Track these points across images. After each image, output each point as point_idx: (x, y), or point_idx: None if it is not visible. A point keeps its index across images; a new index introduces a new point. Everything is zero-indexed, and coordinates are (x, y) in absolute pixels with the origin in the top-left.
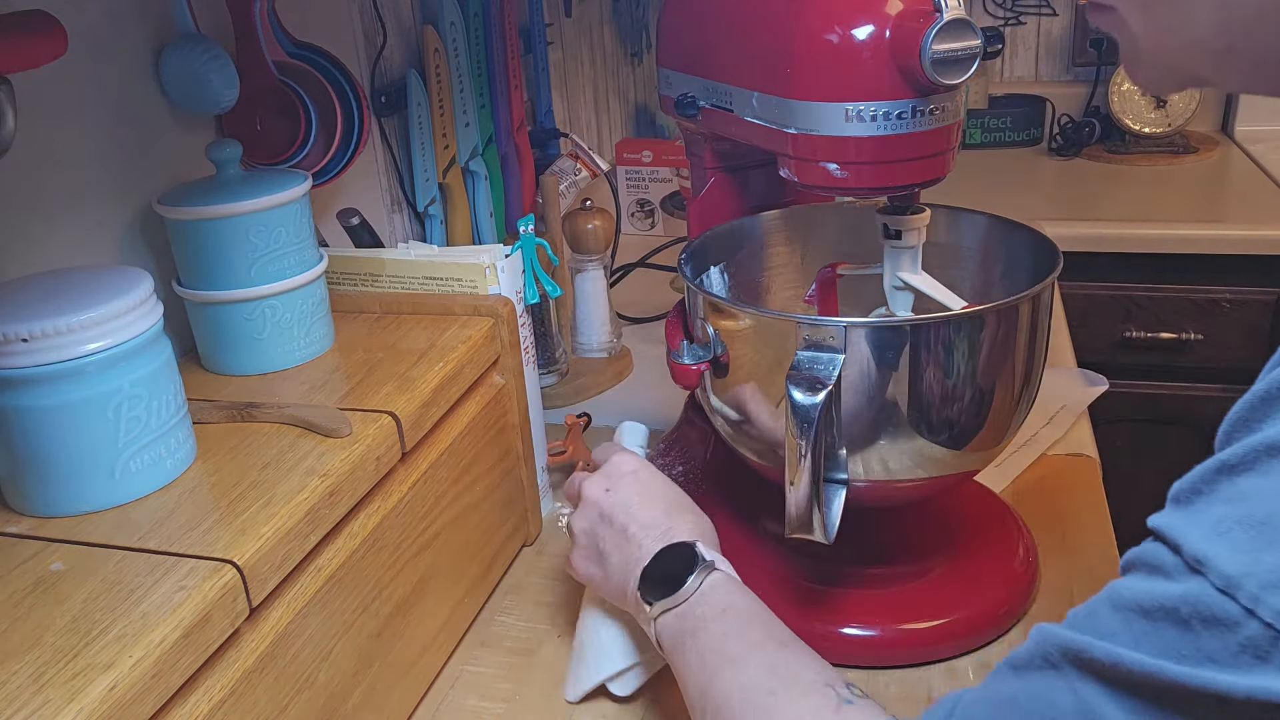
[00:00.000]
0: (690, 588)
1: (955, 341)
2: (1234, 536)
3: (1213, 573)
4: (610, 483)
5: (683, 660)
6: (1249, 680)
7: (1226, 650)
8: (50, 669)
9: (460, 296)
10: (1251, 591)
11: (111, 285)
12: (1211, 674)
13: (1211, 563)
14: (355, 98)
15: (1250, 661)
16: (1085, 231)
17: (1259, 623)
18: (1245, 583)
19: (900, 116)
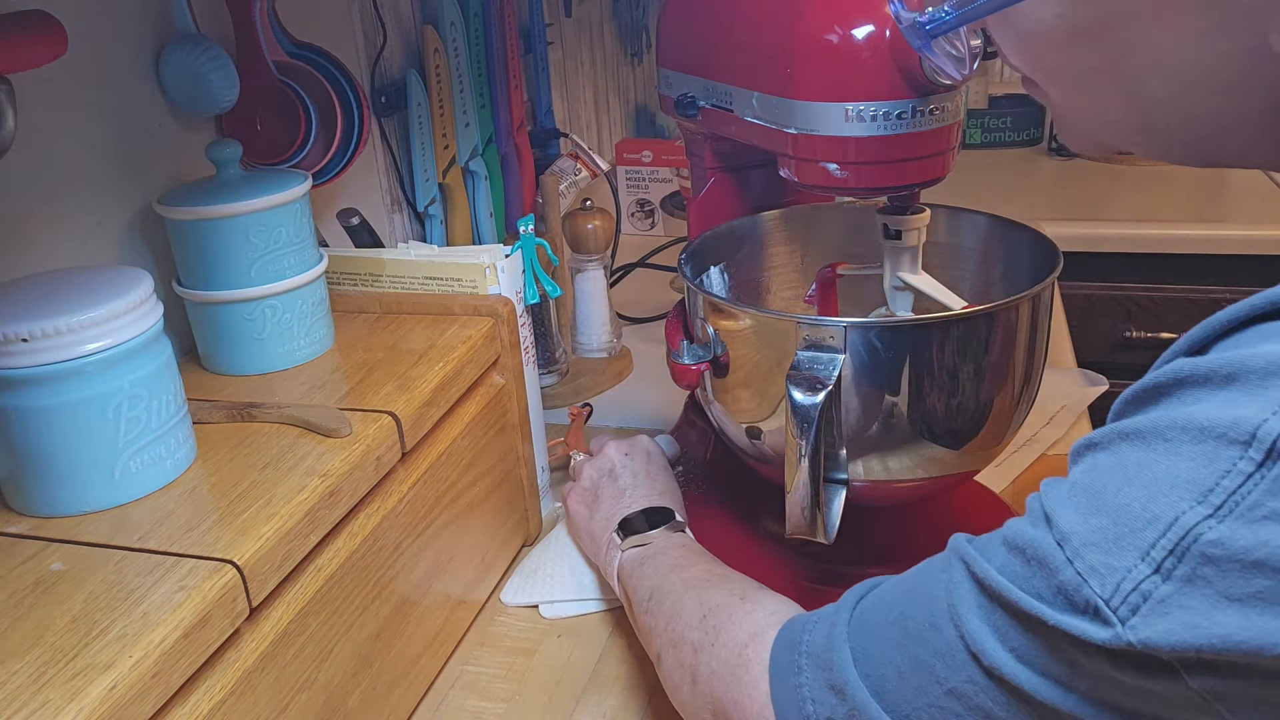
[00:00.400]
0: (658, 533)
1: (955, 341)
2: (1077, 500)
3: (1054, 527)
4: (630, 450)
5: (639, 573)
6: (1061, 617)
7: (1049, 589)
8: (50, 669)
9: (460, 296)
10: (1074, 546)
11: (111, 285)
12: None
13: (1055, 519)
14: (355, 98)
15: (1063, 603)
16: (1085, 231)
17: (1073, 570)
18: (1071, 538)
19: (900, 116)
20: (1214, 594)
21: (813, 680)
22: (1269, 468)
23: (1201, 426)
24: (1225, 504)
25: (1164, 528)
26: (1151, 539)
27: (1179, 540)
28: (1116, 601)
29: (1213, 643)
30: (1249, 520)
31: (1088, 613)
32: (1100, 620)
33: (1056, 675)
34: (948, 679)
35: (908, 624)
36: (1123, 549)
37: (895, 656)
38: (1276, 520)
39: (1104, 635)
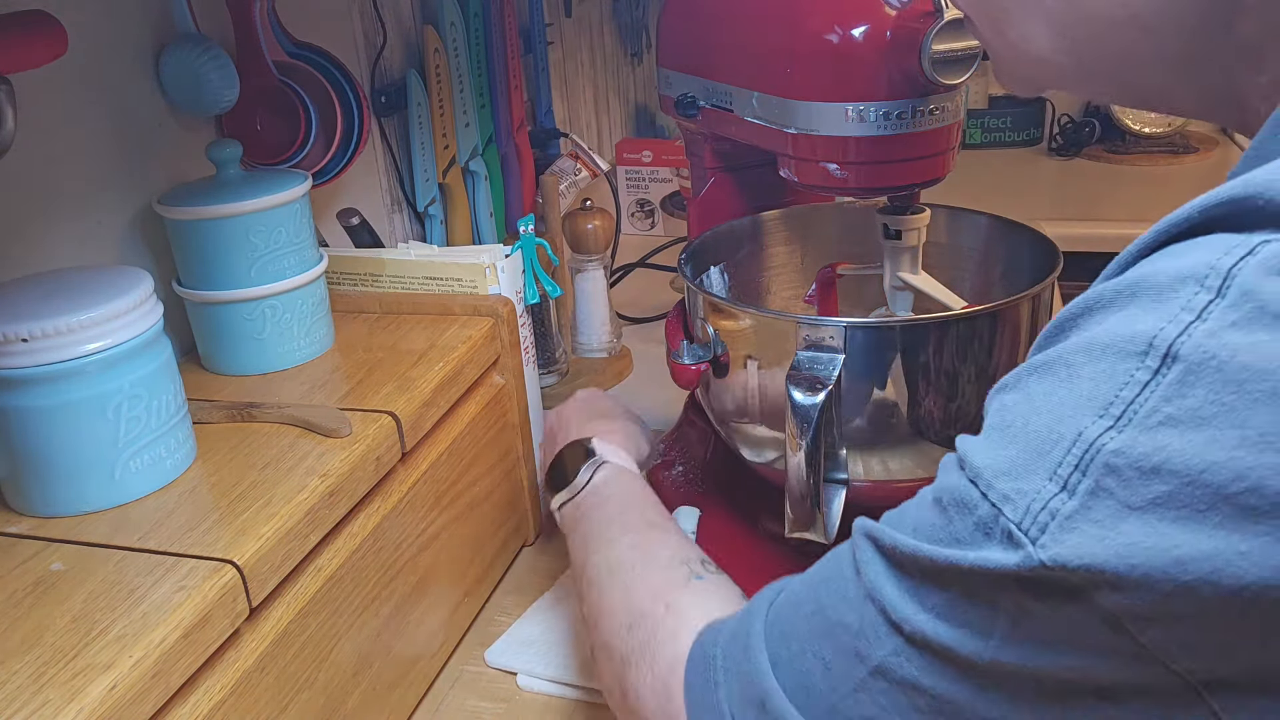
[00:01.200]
0: (580, 480)
1: (955, 341)
2: (989, 439)
3: (968, 468)
4: (561, 406)
5: (571, 544)
6: (976, 553)
7: (966, 529)
8: (50, 669)
9: (460, 296)
10: (987, 479)
11: (111, 285)
12: (953, 550)
13: (969, 460)
14: (355, 98)
15: (980, 538)
16: (1085, 231)
17: (988, 504)
18: (984, 472)
19: (900, 116)
20: (1117, 504)
21: (731, 695)
22: (1164, 374)
23: (1103, 345)
24: (1124, 414)
25: (1069, 445)
26: (1058, 458)
27: (1082, 455)
28: (1027, 523)
29: (1119, 553)
30: (1146, 427)
31: (1003, 541)
32: (1013, 545)
33: (975, 623)
34: (871, 656)
35: (826, 614)
36: (1032, 472)
37: (816, 648)
38: (1172, 425)
39: (1016, 559)
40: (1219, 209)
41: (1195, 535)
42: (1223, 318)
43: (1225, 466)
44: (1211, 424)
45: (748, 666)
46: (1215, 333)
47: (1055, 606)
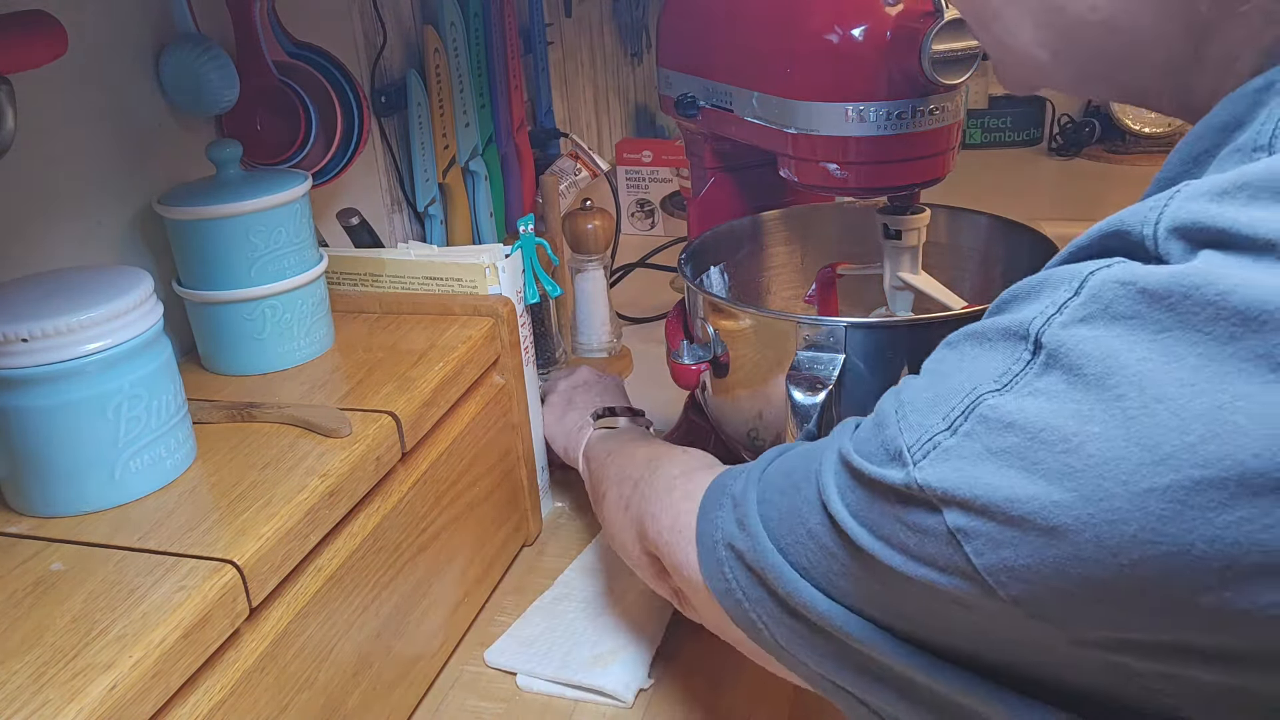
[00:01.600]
0: (624, 423)
1: None
2: (922, 378)
3: (899, 396)
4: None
5: (600, 446)
6: (878, 468)
7: (879, 445)
8: (50, 669)
9: (460, 296)
10: (905, 410)
11: (111, 285)
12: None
13: (902, 391)
14: (355, 98)
15: (883, 455)
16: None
17: (898, 428)
18: (905, 404)
19: (900, 116)
20: (980, 447)
21: (726, 515)
22: (1037, 356)
23: (1006, 328)
24: (1008, 384)
25: (963, 396)
26: (953, 404)
27: (969, 405)
28: (915, 449)
29: (971, 485)
30: (1018, 395)
31: (896, 460)
32: (900, 464)
33: (870, 522)
34: (808, 520)
35: (794, 478)
36: (933, 412)
37: (782, 500)
38: (1035, 396)
39: (899, 476)
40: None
41: (1026, 481)
42: (1074, 313)
43: (1056, 429)
44: (1056, 398)
45: (742, 495)
46: (1067, 325)
47: (918, 518)
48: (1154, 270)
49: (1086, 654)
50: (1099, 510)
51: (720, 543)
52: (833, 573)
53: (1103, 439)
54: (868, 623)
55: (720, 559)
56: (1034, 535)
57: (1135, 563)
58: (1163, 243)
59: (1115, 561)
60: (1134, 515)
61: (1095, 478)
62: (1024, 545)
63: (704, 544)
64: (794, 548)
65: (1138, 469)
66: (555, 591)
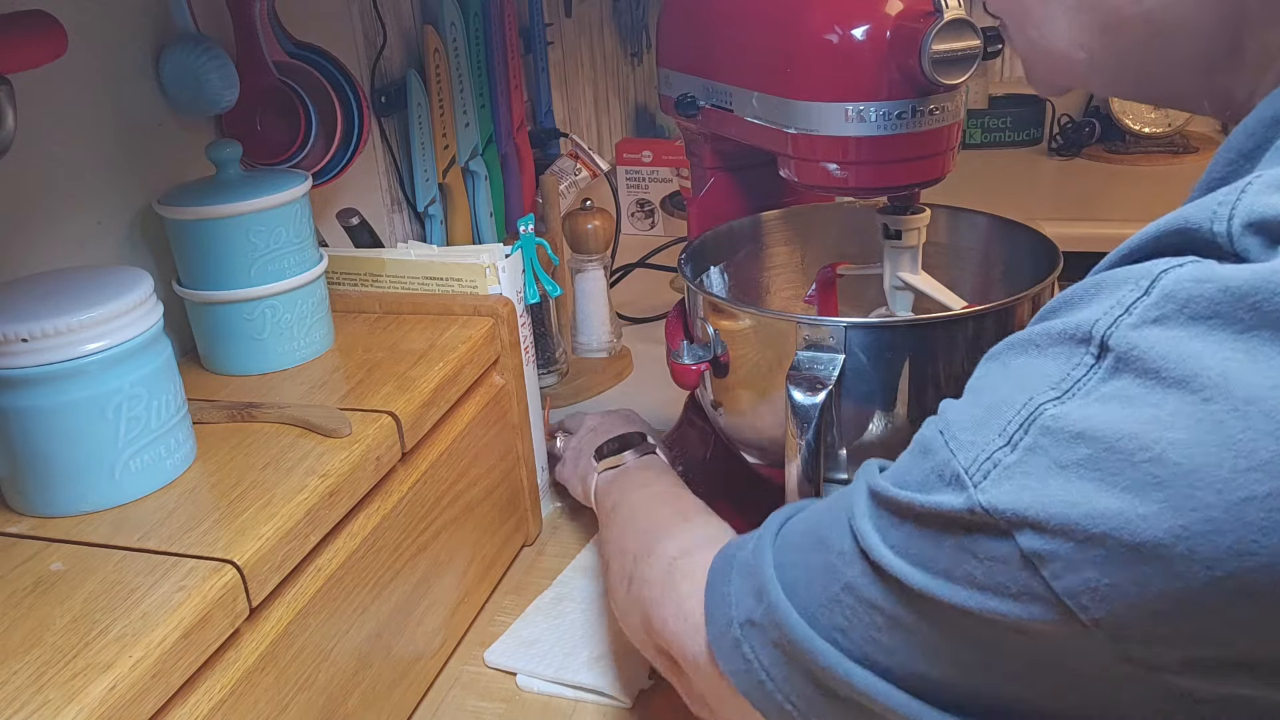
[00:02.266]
0: (629, 456)
1: (955, 342)
2: (965, 398)
3: (941, 419)
4: (608, 414)
5: (606, 492)
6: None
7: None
8: (50, 669)
9: (460, 296)
10: (952, 431)
11: (111, 285)
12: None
13: (944, 413)
14: (355, 98)
15: (936, 481)
16: (1085, 231)
17: (948, 450)
18: (952, 425)
19: (900, 116)
20: (1048, 461)
21: (739, 587)
22: (1103, 360)
23: (1061, 332)
24: (1069, 391)
25: (1019, 409)
26: (1009, 417)
27: (1027, 417)
28: (973, 470)
29: (1043, 502)
30: (1083, 401)
31: (952, 484)
32: (959, 487)
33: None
34: (844, 574)
35: (819, 532)
36: (987, 428)
37: (806, 560)
38: (1105, 402)
39: (959, 501)
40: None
41: (1105, 495)
42: (1144, 314)
43: (1135, 437)
44: (1131, 403)
45: (756, 563)
46: (1137, 326)
47: (985, 545)
48: (1235, 269)
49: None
50: (1192, 522)
51: (735, 620)
52: (875, 631)
53: (1190, 445)
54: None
55: (736, 638)
56: (1119, 552)
57: (1230, 575)
58: (1239, 239)
59: (1209, 575)
60: (1231, 526)
61: (1185, 487)
62: (1108, 564)
63: (715, 624)
64: (824, 611)
65: (1233, 477)
66: (555, 591)
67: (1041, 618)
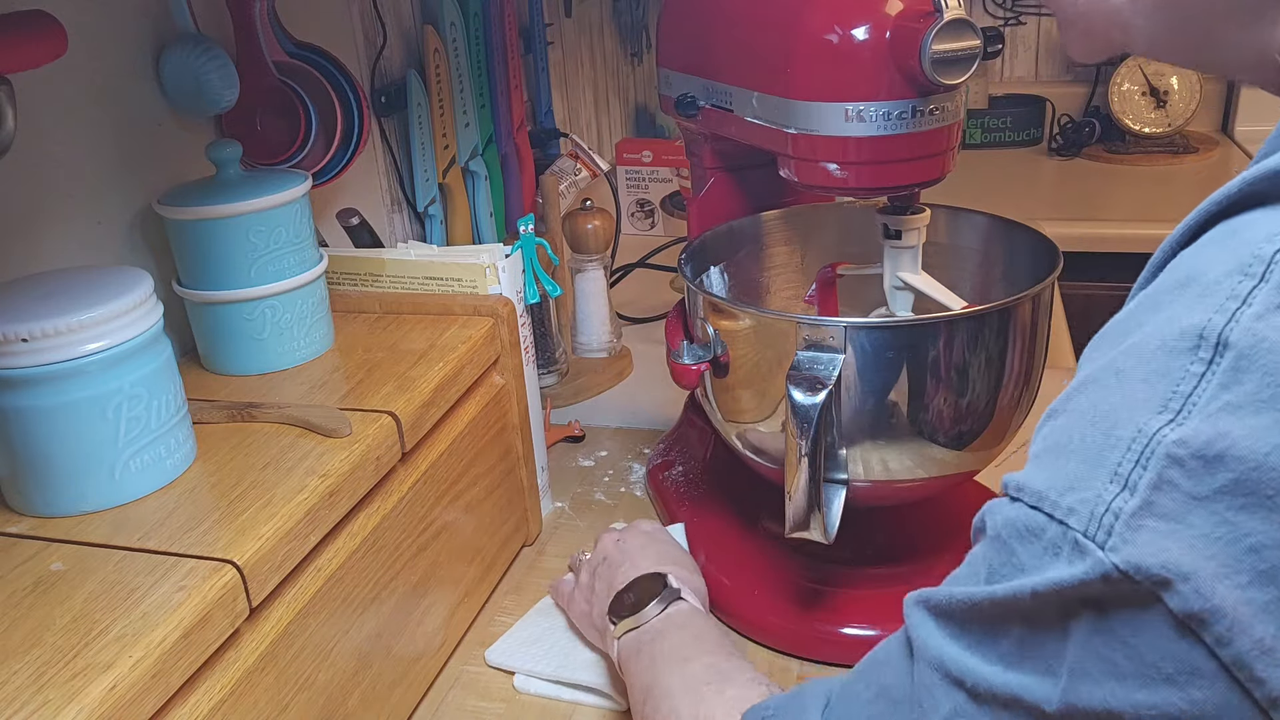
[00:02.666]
0: (652, 611)
1: (955, 342)
2: (1040, 462)
3: (1027, 493)
4: (623, 535)
5: (636, 664)
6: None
7: (1033, 556)
8: (50, 669)
9: (460, 296)
10: (1052, 499)
11: (111, 285)
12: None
13: (1024, 487)
14: (355, 98)
15: (1048, 560)
16: (1085, 231)
17: (1055, 522)
18: (1048, 493)
19: (900, 116)
20: (1182, 496)
21: None
22: (1218, 363)
23: (1153, 346)
24: (1184, 407)
25: (1127, 444)
26: (1117, 459)
27: (1142, 450)
28: (1093, 529)
29: (1190, 545)
30: (1206, 416)
31: (1070, 555)
32: (1080, 554)
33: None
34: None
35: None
36: (1092, 479)
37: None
38: (1231, 411)
39: (1083, 568)
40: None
41: (1267, 522)
42: (1268, 300)
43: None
44: (1271, 406)
45: None
46: (1262, 315)
47: (1127, 619)
48: None
49: None
50: None
51: None
52: None
53: None
54: None
55: None
56: None
57: None
58: None
59: None
60: None
61: None
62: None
63: None
64: None
65: None
66: (543, 604)
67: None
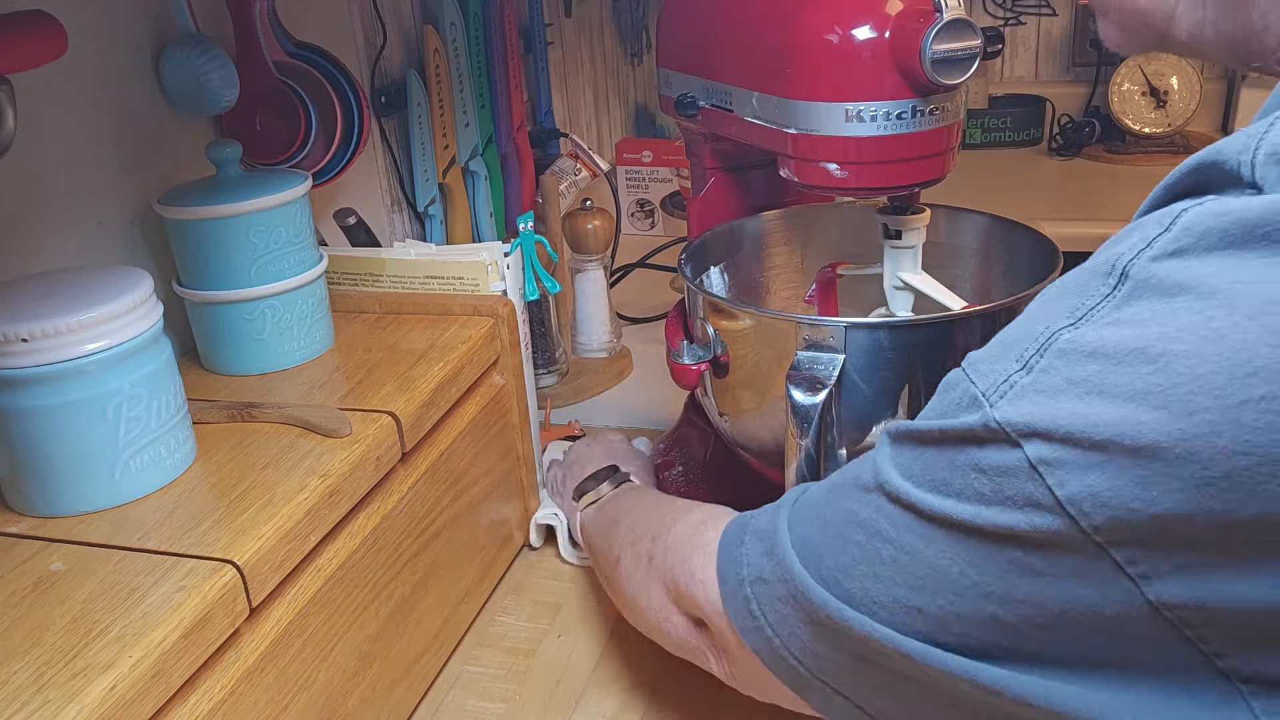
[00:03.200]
0: (605, 490)
1: (955, 341)
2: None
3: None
4: (588, 442)
5: (596, 519)
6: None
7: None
8: (50, 669)
9: (460, 296)
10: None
11: (111, 285)
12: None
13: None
14: (355, 98)
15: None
16: (1085, 231)
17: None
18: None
19: (900, 117)
20: (1059, 380)
21: (751, 549)
22: (1119, 289)
23: (1091, 269)
24: (1083, 317)
25: (1036, 336)
26: (1026, 346)
27: (1043, 343)
28: (990, 392)
29: (1053, 416)
30: (1096, 325)
31: (971, 407)
32: (976, 408)
33: (939, 482)
34: (857, 513)
35: (837, 486)
36: (1005, 358)
37: (821, 514)
38: (1117, 325)
39: (974, 419)
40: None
41: (1109, 405)
42: (1164, 246)
43: (1141, 353)
44: (1140, 324)
45: (770, 526)
46: (1156, 257)
47: (995, 457)
48: (1249, 200)
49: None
50: (1189, 425)
51: (746, 579)
52: (879, 566)
53: (1193, 356)
54: (909, 637)
55: (746, 596)
56: (1120, 457)
57: (1224, 475)
58: (1260, 168)
59: (1205, 475)
60: (1226, 428)
61: (1185, 394)
62: (1109, 468)
63: (727, 584)
64: (831, 553)
65: (1230, 383)
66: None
67: (1044, 527)
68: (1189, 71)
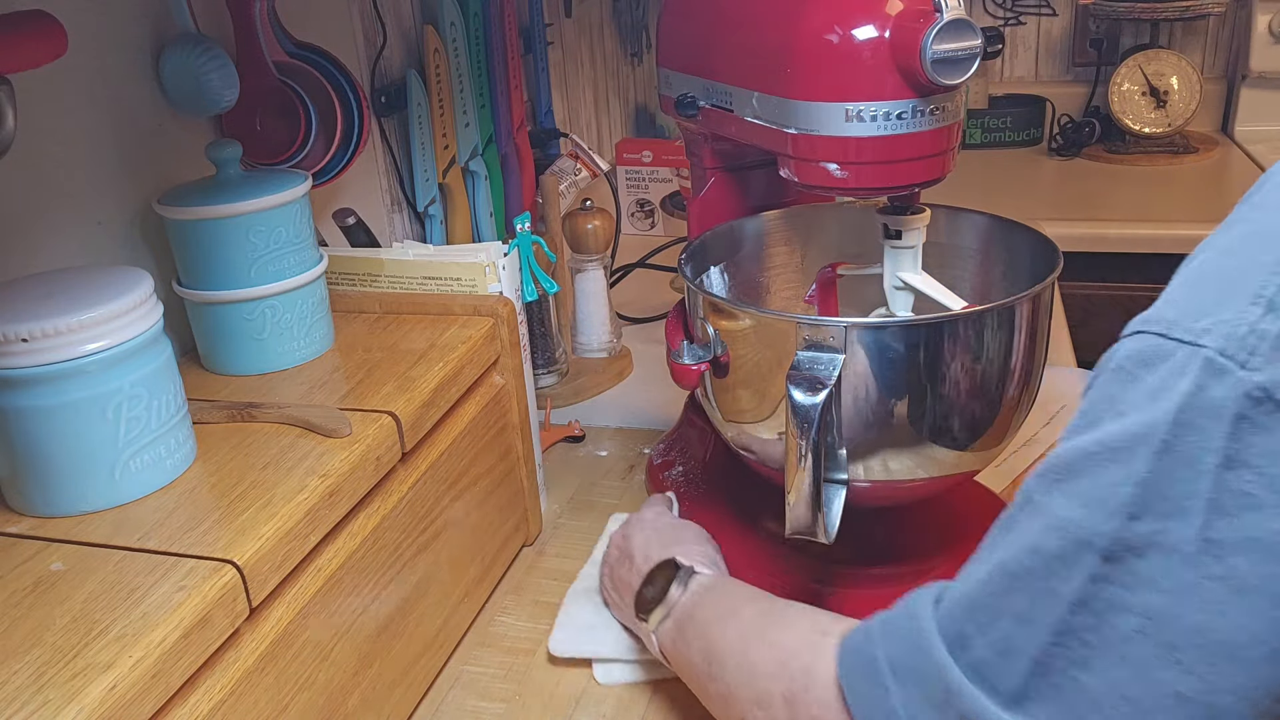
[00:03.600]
0: (675, 594)
1: (955, 342)
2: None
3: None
4: (625, 532)
5: (682, 643)
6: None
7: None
8: (50, 669)
9: (460, 296)
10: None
11: (111, 285)
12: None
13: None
14: (355, 98)
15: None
16: (1085, 231)
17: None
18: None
19: (900, 117)
20: None
21: (908, 698)
22: None
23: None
24: None
25: (1270, 266)
26: (1260, 280)
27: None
28: (1232, 350)
29: None
30: None
31: (1201, 374)
32: (1216, 373)
33: (1174, 497)
34: (1066, 590)
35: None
36: (1229, 302)
37: (1008, 605)
38: None
39: (1223, 389)
40: None
41: None
42: None
43: None
44: None
45: (924, 664)
46: None
47: (1263, 447)
48: None
49: None
50: None
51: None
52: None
53: None
54: None
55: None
56: None
57: None
58: None
59: None
60: None
61: None
62: None
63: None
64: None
65: None
66: (582, 584)
67: None
68: (1189, 71)
